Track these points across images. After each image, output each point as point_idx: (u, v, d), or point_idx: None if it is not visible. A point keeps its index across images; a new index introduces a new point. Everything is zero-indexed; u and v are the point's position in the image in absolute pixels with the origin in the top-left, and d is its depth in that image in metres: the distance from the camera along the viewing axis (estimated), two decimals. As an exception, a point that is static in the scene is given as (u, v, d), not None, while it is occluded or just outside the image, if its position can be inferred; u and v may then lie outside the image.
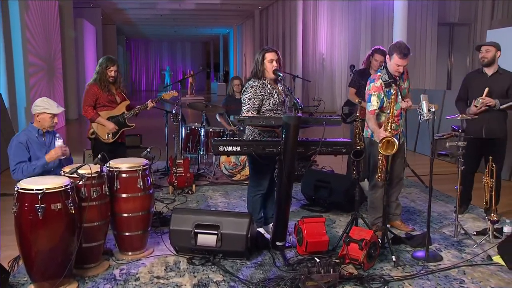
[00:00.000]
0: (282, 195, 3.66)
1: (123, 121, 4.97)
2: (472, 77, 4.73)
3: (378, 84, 4.00)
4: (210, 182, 6.33)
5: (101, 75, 4.81)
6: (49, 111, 3.76)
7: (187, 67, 35.51)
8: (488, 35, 9.51)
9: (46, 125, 3.78)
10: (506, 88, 4.47)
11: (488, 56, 4.46)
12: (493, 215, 4.06)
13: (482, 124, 4.47)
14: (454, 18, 14.93)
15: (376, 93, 4.00)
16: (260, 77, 3.98)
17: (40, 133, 3.79)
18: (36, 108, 3.76)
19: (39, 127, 3.79)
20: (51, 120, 3.78)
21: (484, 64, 4.51)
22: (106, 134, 4.88)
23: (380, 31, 14.89)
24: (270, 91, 3.99)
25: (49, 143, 3.85)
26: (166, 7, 19.51)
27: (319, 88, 16.53)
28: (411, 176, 6.17)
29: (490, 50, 4.45)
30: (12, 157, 3.68)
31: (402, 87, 4.13)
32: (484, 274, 3.48)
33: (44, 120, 3.77)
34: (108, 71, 4.82)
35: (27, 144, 3.70)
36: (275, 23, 19.45)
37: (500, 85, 4.45)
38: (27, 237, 3.03)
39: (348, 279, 3.32)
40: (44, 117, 3.76)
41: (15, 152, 3.67)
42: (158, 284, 3.33)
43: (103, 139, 4.89)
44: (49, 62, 11.74)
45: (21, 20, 9.40)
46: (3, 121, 7.65)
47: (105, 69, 4.81)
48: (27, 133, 3.77)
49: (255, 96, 3.93)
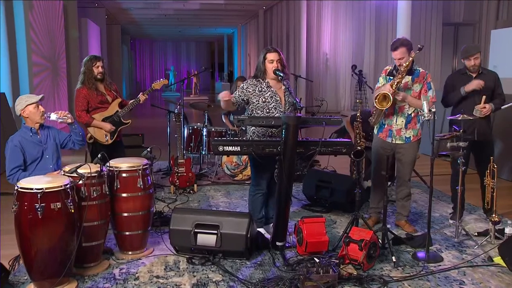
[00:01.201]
0: (282, 195, 3.66)
1: (118, 119, 4.90)
2: (457, 78, 4.69)
3: (386, 68, 4.38)
4: (212, 182, 6.33)
5: (87, 74, 4.70)
6: (30, 101, 3.75)
7: (191, 67, 35.55)
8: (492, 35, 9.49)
9: (36, 118, 3.77)
10: (492, 87, 4.51)
11: (478, 63, 4.49)
12: (494, 216, 4.04)
13: (474, 127, 4.49)
14: (459, 18, 14.89)
15: (382, 75, 4.35)
16: (261, 78, 4.00)
17: (33, 131, 3.79)
18: (18, 107, 3.76)
19: (32, 125, 3.79)
20: (37, 110, 3.76)
21: (475, 70, 4.52)
22: (104, 136, 4.82)
23: (385, 31, 14.87)
24: (264, 89, 3.99)
25: (45, 139, 3.84)
26: (170, 7, 19.54)
27: (323, 88, 16.51)
28: (414, 176, 6.12)
29: (478, 57, 4.48)
30: (7, 161, 3.67)
31: (408, 85, 4.19)
32: (484, 275, 3.47)
33: (31, 114, 3.75)
34: (95, 67, 4.71)
35: (21, 146, 3.69)
36: (279, 23, 19.44)
37: (486, 85, 4.45)
38: (26, 236, 3.04)
39: (347, 280, 3.32)
40: (30, 109, 3.74)
41: (10, 156, 3.67)
42: (157, 283, 3.34)
43: (102, 142, 4.83)
44: (53, 62, 11.79)
45: (25, 20, 9.44)
46: (6, 121, 7.69)
47: (91, 66, 4.71)
48: (22, 134, 3.77)
49: (241, 90, 4.01)
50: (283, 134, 3.51)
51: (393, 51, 4.13)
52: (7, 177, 3.68)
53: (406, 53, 4.08)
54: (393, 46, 4.14)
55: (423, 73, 4.21)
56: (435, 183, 6.06)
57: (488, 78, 4.51)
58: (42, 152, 3.79)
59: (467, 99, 4.50)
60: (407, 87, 4.19)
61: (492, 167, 4.23)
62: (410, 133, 4.26)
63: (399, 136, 4.26)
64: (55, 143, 3.94)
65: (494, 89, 4.53)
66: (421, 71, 4.22)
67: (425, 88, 4.19)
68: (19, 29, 9.28)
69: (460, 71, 4.71)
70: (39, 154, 3.77)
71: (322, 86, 16.60)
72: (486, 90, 4.44)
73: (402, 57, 4.08)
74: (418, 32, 14.55)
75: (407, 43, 4.12)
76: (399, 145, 4.29)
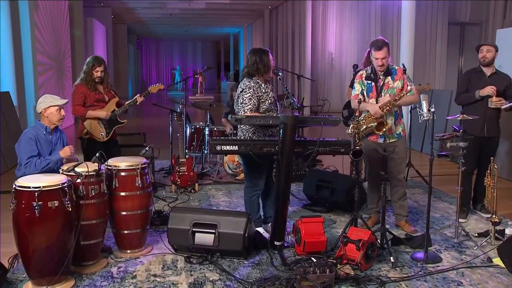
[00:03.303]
0: (280, 195, 3.66)
1: (115, 118, 4.91)
2: (472, 75, 4.77)
3: (360, 73, 4.32)
4: (213, 181, 6.34)
5: (87, 74, 4.74)
6: (55, 103, 3.81)
7: (197, 66, 35.56)
8: (498, 35, 9.41)
9: (54, 119, 3.83)
10: (503, 88, 4.60)
11: (489, 56, 4.57)
12: (495, 216, 4.02)
13: (484, 123, 4.59)
14: (465, 17, 14.77)
15: (358, 80, 4.31)
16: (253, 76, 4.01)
17: (48, 131, 3.83)
18: (41, 105, 3.81)
19: (47, 124, 3.83)
20: (58, 113, 3.83)
21: (485, 63, 4.62)
22: (100, 133, 4.84)
23: (390, 30, 14.79)
24: (266, 90, 3.99)
25: (55, 141, 3.90)
26: (176, 6, 19.58)
27: (328, 88, 16.48)
28: (416, 176, 6.11)
29: (491, 50, 4.58)
30: (24, 152, 3.70)
31: (389, 85, 4.20)
32: (483, 276, 3.44)
33: (52, 115, 3.81)
34: (94, 71, 4.74)
35: (36, 139, 3.75)
36: (285, 23, 19.42)
37: (499, 86, 4.56)
38: (24, 234, 3.06)
39: (345, 280, 3.31)
40: (51, 111, 3.80)
41: (26, 146, 3.70)
42: (154, 282, 3.35)
43: (98, 138, 4.85)
44: (58, 61, 11.85)
45: (31, 19, 9.49)
46: (11, 120, 7.74)
47: (91, 69, 4.74)
48: (36, 130, 3.81)
49: (255, 96, 3.95)
50: (280, 133, 3.50)
51: (377, 50, 4.08)
52: (24, 165, 3.68)
53: (387, 53, 4.10)
54: (377, 46, 4.09)
55: (400, 70, 4.23)
56: (437, 183, 6.09)
57: (501, 79, 4.62)
58: (50, 153, 3.83)
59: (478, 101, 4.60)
60: (389, 87, 4.19)
61: (493, 167, 4.19)
62: (399, 128, 4.29)
63: (391, 134, 4.25)
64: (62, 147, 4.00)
65: (505, 90, 4.60)
66: (397, 68, 4.24)
67: (406, 82, 4.18)
68: (24, 29, 9.34)
69: (476, 69, 4.77)
70: (47, 154, 3.81)
71: (327, 85, 16.57)
72: (498, 92, 4.52)
73: (385, 56, 4.08)
74: (423, 32, 14.46)
75: (387, 44, 4.13)
76: (392, 143, 4.27)
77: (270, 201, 4.18)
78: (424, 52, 14.61)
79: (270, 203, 4.19)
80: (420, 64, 14.19)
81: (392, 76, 4.20)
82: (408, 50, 9.91)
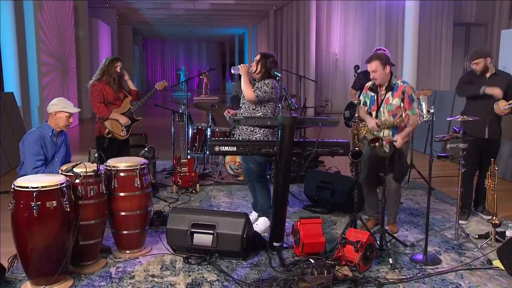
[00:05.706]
0: (279, 196, 3.66)
1: (131, 116, 5.10)
2: (473, 74, 4.73)
3: (367, 85, 4.34)
4: (215, 181, 6.34)
5: (108, 72, 4.88)
6: (67, 110, 3.87)
7: (202, 67, 35.60)
8: (502, 35, 9.34)
9: (61, 124, 3.87)
10: (505, 88, 4.54)
11: (479, 68, 4.57)
12: (495, 218, 3.99)
13: (485, 125, 4.56)
14: (470, 18, 14.71)
15: (364, 92, 4.37)
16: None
17: (54, 133, 3.88)
18: (53, 107, 3.86)
19: (54, 126, 3.87)
20: (67, 120, 3.89)
21: (479, 74, 4.62)
22: (122, 131, 5.00)
23: (395, 30, 14.77)
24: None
25: (60, 143, 3.94)
26: (181, 7, 19.62)
27: (332, 88, 16.47)
28: (418, 178, 6.08)
29: (478, 63, 4.55)
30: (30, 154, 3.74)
31: (389, 101, 4.14)
32: (482, 279, 3.42)
33: (60, 119, 3.86)
34: (115, 67, 4.92)
35: (42, 141, 3.79)
36: (289, 23, 19.42)
37: (499, 86, 4.51)
38: (22, 234, 3.08)
39: (342, 281, 3.30)
40: (61, 116, 3.85)
41: (32, 148, 3.75)
42: (152, 282, 3.35)
43: (119, 136, 5.00)
44: (63, 62, 11.91)
45: (35, 20, 9.55)
46: (14, 121, 7.78)
47: (113, 66, 4.91)
48: (42, 131, 3.85)
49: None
50: (279, 134, 3.51)
51: (367, 63, 4.13)
52: (33, 168, 3.71)
53: (380, 67, 4.04)
54: (368, 58, 4.14)
55: (402, 87, 4.12)
56: (439, 185, 6.06)
57: (502, 80, 4.58)
58: (53, 155, 3.86)
59: (479, 100, 4.57)
60: (388, 103, 4.15)
61: (493, 168, 4.17)
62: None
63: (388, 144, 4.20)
64: (66, 150, 4.07)
65: (507, 90, 4.55)
66: (399, 85, 4.13)
67: (407, 101, 4.08)
68: (28, 29, 9.41)
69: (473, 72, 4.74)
70: (51, 156, 3.84)
71: (331, 86, 16.55)
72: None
73: (376, 70, 4.06)
74: (428, 32, 14.42)
75: (382, 58, 4.09)
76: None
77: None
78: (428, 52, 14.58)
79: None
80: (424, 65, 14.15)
81: (392, 92, 4.14)
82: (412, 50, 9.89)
